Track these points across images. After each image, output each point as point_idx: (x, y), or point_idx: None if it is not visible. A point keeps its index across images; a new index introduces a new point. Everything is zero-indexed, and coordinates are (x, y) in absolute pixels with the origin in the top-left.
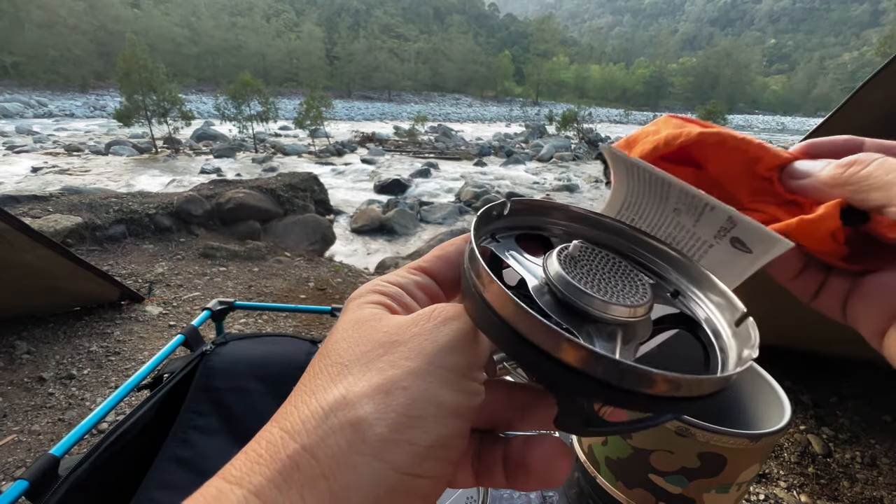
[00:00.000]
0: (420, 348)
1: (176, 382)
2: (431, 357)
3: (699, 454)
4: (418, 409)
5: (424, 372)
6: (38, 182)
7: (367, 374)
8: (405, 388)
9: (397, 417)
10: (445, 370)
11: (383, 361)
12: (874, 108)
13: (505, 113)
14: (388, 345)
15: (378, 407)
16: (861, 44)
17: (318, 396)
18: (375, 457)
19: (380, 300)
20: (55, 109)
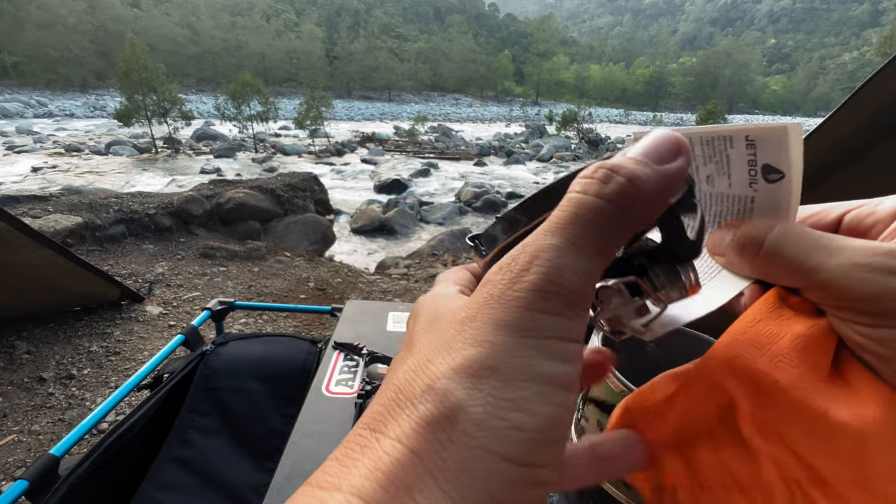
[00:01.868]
0: (502, 315)
1: (176, 382)
2: (518, 321)
3: None
4: (517, 388)
5: (514, 343)
6: (38, 182)
7: (450, 355)
8: (494, 367)
9: (495, 401)
10: (537, 335)
11: (461, 339)
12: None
13: (505, 113)
14: (465, 320)
15: (469, 391)
16: (861, 44)
17: (409, 388)
18: (483, 447)
19: (455, 280)
20: (55, 109)
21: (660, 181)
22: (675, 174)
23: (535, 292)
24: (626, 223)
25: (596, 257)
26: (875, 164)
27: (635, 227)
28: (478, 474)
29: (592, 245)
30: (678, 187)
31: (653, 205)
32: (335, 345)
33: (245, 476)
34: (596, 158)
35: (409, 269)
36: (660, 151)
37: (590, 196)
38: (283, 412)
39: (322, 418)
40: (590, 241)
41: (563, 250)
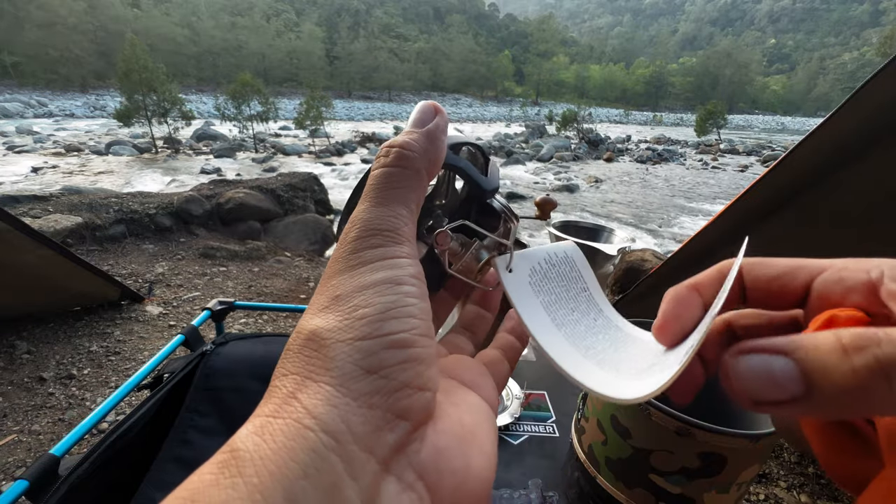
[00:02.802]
0: (338, 265)
1: (176, 382)
2: (348, 261)
3: (699, 454)
4: (357, 297)
5: (348, 275)
6: (38, 182)
7: (311, 307)
8: (338, 294)
9: (342, 312)
10: (363, 263)
11: (317, 294)
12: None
13: (505, 113)
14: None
15: (325, 317)
16: (861, 44)
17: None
18: (339, 341)
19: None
20: (55, 109)
21: (426, 138)
22: (435, 129)
23: (355, 241)
24: (410, 175)
25: (396, 205)
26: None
27: (420, 175)
28: (340, 358)
29: (390, 198)
30: (442, 138)
31: (426, 156)
32: None
33: None
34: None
35: None
36: (422, 118)
37: (379, 168)
38: None
39: None
40: (388, 196)
41: (369, 209)
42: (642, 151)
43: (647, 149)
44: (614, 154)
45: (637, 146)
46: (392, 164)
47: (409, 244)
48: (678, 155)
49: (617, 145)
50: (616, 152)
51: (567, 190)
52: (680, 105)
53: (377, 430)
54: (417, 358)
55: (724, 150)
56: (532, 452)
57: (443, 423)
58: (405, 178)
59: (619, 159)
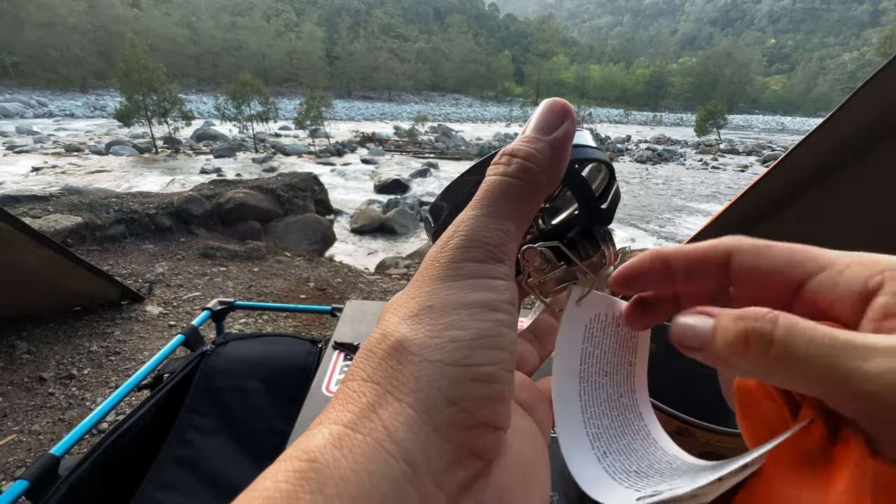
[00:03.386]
0: (433, 271)
1: (176, 382)
2: (446, 271)
3: (699, 454)
4: (451, 314)
5: (444, 287)
6: (38, 182)
7: (397, 310)
8: (431, 305)
9: (433, 327)
10: (463, 277)
11: (406, 296)
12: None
13: (505, 113)
14: (410, 284)
15: (413, 327)
16: (861, 44)
17: (366, 343)
18: (425, 360)
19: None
20: (55, 109)
21: (551, 150)
22: (564, 139)
23: (457, 249)
24: (529, 190)
25: (508, 220)
26: (875, 164)
27: (539, 192)
28: (426, 380)
29: (503, 211)
30: (568, 149)
31: (549, 171)
32: (335, 345)
33: (245, 476)
34: None
35: (409, 269)
36: (548, 122)
37: (497, 175)
38: (284, 412)
39: None
40: (500, 208)
41: (479, 218)
42: (642, 151)
43: (647, 149)
44: (614, 154)
45: (637, 146)
46: (512, 175)
47: (510, 263)
48: (678, 155)
49: (617, 145)
50: (616, 152)
51: None
52: (680, 105)
53: (451, 466)
54: (499, 396)
55: (724, 150)
56: None
57: (506, 458)
58: (522, 193)
59: (618, 159)
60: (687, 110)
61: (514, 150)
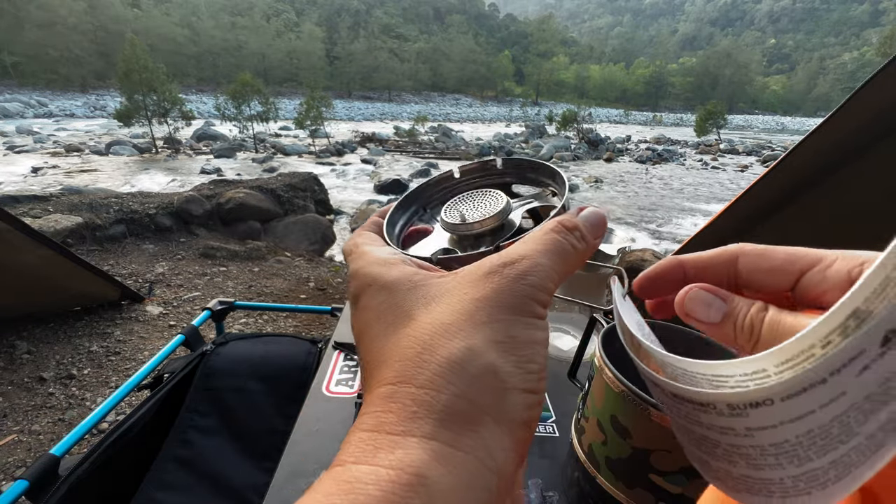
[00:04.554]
0: (514, 301)
1: (176, 382)
2: (524, 306)
3: None
4: (527, 348)
5: (520, 321)
6: (38, 182)
7: (475, 329)
8: (514, 336)
9: (517, 358)
10: (533, 316)
11: (480, 317)
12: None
13: (505, 113)
14: (486, 300)
15: (501, 354)
16: (861, 44)
17: (439, 353)
18: (514, 387)
19: (392, 255)
20: (55, 109)
21: (594, 249)
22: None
23: (534, 288)
24: (574, 269)
25: (560, 278)
26: (875, 164)
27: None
28: (513, 405)
29: (562, 275)
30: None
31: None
32: (335, 345)
33: (245, 476)
34: (595, 159)
35: None
36: (599, 230)
37: (569, 245)
38: (284, 412)
39: (322, 418)
40: (563, 270)
41: (550, 269)
42: (642, 151)
43: (647, 149)
44: (614, 154)
45: (637, 146)
46: (581, 254)
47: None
48: (678, 155)
49: (617, 145)
50: (616, 152)
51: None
52: (680, 105)
53: (516, 473)
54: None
55: (723, 150)
56: (532, 452)
57: None
58: (574, 267)
59: (618, 159)
60: (687, 110)
61: (584, 236)
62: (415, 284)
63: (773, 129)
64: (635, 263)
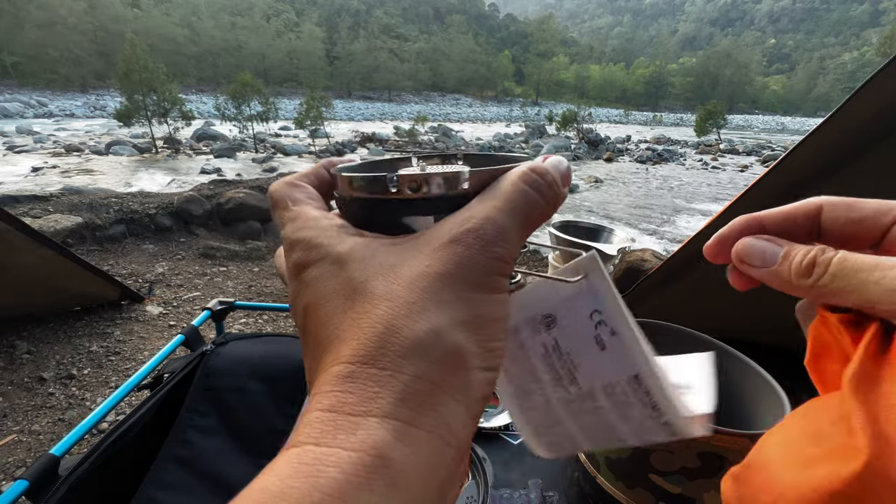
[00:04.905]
0: (478, 277)
1: (176, 382)
2: (488, 282)
3: (699, 454)
4: (489, 326)
5: (487, 298)
6: (38, 182)
7: (439, 308)
8: (478, 314)
9: (479, 337)
10: (497, 291)
11: (446, 294)
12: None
13: (505, 113)
14: (448, 276)
15: (466, 334)
16: (861, 44)
17: (403, 334)
18: (477, 367)
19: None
20: (55, 109)
21: (563, 199)
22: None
23: (499, 261)
24: (542, 222)
25: (525, 238)
26: (875, 164)
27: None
28: (476, 384)
29: (528, 232)
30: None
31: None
32: None
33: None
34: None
35: None
36: (567, 178)
37: (539, 196)
38: (284, 412)
39: None
40: (529, 228)
41: (516, 230)
42: (642, 151)
43: (647, 149)
44: (614, 154)
45: (637, 146)
46: (550, 204)
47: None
48: (678, 155)
49: (617, 145)
50: (616, 152)
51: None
52: (680, 105)
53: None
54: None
55: (723, 150)
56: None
57: None
58: (540, 221)
59: (618, 159)
60: (687, 110)
61: (555, 181)
62: (371, 253)
63: (773, 129)
64: (635, 263)
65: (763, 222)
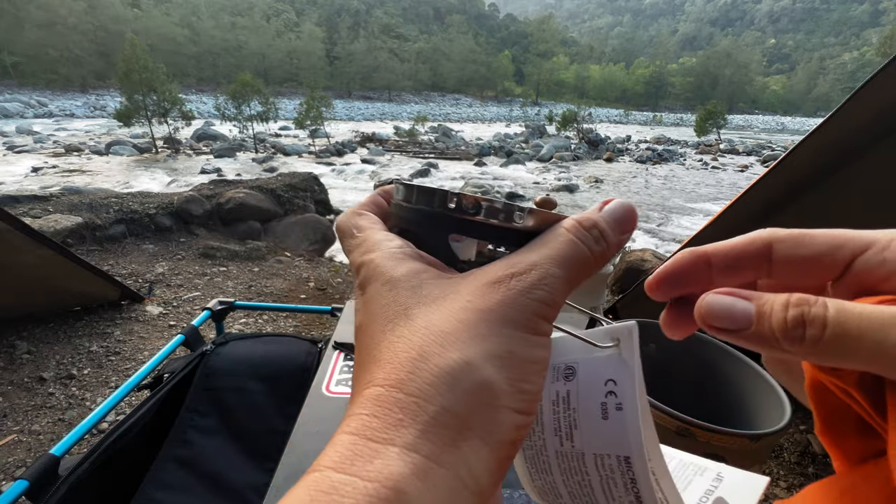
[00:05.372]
0: (517, 315)
1: (176, 382)
2: (528, 322)
3: (702, 455)
4: (524, 367)
5: (521, 338)
6: (38, 182)
7: (474, 341)
8: (512, 351)
9: (511, 376)
10: (536, 333)
11: (483, 328)
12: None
13: (505, 113)
14: (489, 311)
15: (498, 370)
16: (861, 44)
17: (434, 361)
18: (506, 406)
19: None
20: (55, 109)
21: (619, 246)
22: (626, 242)
23: (541, 303)
24: (592, 273)
25: (572, 287)
26: (875, 164)
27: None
28: (504, 425)
29: (575, 283)
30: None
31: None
32: (335, 345)
33: (245, 476)
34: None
35: None
36: (624, 225)
37: (586, 249)
38: (284, 412)
39: (322, 418)
40: (576, 278)
41: (561, 280)
42: (642, 151)
43: (647, 149)
44: (614, 154)
45: (637, 146)
46: (598, 257)
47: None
48: (678, 155)
49: (617, 145)
50: (616, 152)
51: (567, 190)
52: (680, 105)
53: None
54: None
55: (723, 150)
56: None
57: None
58: (589, 273)
59: (618, 159)
60: (687, 110)
61: (605, 232)
62: (420, 282)
63: (773, 129)
64: (635, 263)
65: (709, 258)
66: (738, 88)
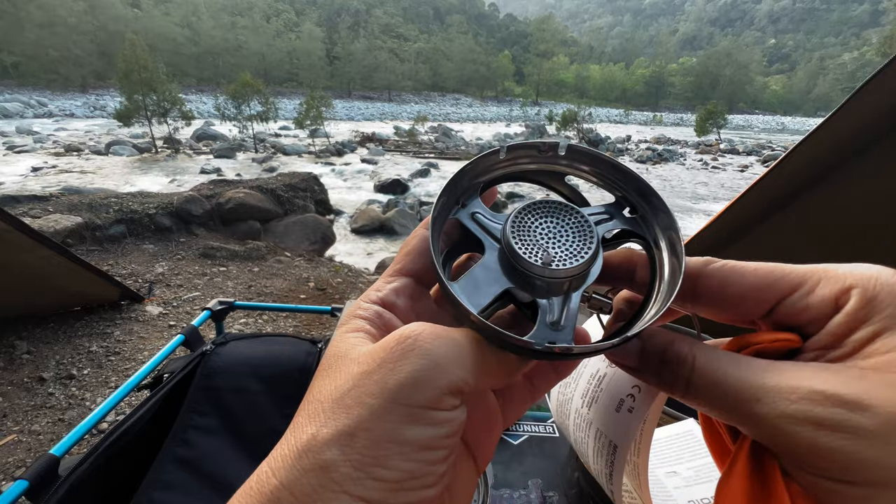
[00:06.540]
0: (383, 384)
1: (176, 382)
2: (393, 394)
3: None
4: (381, 449)
5: (386, 411)
6: (38, 182)
7: (335, 413)
8: (368, 429)
9: (361, 458)
10: (408, 407)
11: (350, 398)
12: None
13: (505, 113)
14: (358, 377)
15: (343, 450)
16: (861, 44)
17: (295, 435)
18: (345, 492)
19: (360, 326)
20: (55, 109)
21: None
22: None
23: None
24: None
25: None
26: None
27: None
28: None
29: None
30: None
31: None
32: None
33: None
34: None
35: None
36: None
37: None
38: (284, 412)
39: None
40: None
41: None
42: (642, 151)
43: (647, 149)
44: (614, 154)
45: (637, 146)
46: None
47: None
48: (678, 155)
49: (617, 145)
50: (616, 152)
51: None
52: (680, 105)
53: None
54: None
55: (724, 150)
56: (532, 452)
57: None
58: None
59: (618, 159)
60: (687, 110)
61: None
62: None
63: (773, 129)
64: None
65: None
66: (738, 88)
